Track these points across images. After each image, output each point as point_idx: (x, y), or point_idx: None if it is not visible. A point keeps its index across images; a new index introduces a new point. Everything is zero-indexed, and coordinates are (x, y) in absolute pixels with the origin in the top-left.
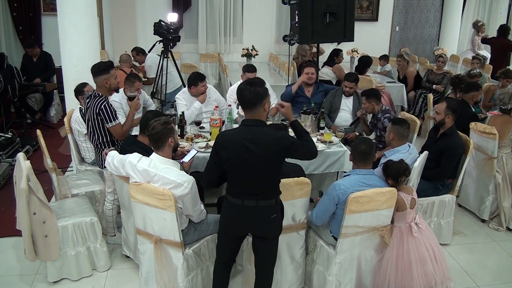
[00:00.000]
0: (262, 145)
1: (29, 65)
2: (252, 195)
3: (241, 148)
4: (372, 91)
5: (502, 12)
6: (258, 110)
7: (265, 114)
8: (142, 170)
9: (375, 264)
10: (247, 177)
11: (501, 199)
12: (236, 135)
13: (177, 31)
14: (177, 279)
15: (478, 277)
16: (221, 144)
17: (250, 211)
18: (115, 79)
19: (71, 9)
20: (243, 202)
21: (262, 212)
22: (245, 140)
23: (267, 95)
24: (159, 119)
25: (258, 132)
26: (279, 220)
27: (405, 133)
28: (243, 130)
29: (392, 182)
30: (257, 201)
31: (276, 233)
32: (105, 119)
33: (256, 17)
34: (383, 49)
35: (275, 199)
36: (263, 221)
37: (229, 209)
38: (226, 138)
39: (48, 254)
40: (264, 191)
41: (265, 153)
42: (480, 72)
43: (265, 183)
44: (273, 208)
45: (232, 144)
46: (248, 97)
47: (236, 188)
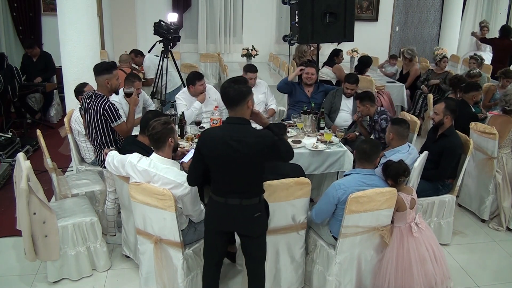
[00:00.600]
0: (245, 142)
1: (29, 65)
2: (236, 193)
3: (223, 145)
4: (366, 94)
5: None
6: (241, 108)
7: (248, 112)
8: (142, 170)
9: (375, 264)
10: (229, 175)
11: (501, 199)
12: (219, 133)
13: (177, 31)
14: (177, 279)
15: (478, 277)
16: (203, 141)
17: (234, 209)
18: (117, 80)
19: (71, 9)
20: (226, 200)
21: (246, 211)
22: (227, 138)
23: (250, 94)
24: (159, 119)
25: (241, 130)
26: (264, 218)
27: (405, 133)
28: (226, 128)
29: (391, 182)
30: (241, 200)
31: (260, 231)
32: (110, 119)
33: (256, 17)
34: (383, 49)
35: (258, 198)
36: (247, 219)
37: (213, 207)
38: (209, 135)
39: (48, 254)
40: (248, 190)
41: (248, 151)
42: (479, 72)
43: (248, 181)
44: (256, 206)
45: (214, 141)
46: (232, 94)
47: (219, 186)
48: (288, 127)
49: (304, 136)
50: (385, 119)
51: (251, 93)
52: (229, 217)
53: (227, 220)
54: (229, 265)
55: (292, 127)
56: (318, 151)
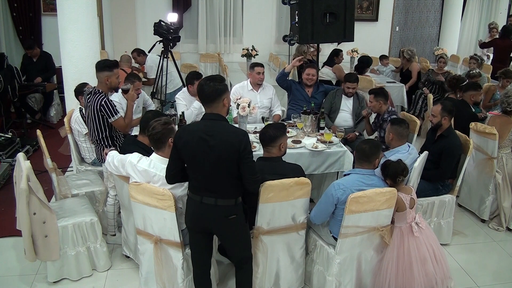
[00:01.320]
0: (217, 137)
1: (29, 65)
2: (211, 192)
3: (197, 140)
4: (381, 90)
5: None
6: (217, 105)
7: (224, 110)
8: (142, 170)
9: (376, 265)
10: (204, 172)
11: (501, 199)
12: (194, 128)
13: (177, 31)
14: (177, 279)
15: (478, 277)
16: (179, 136)
17: (209, 209)
18: (117, 79)
19: (71, 9)
20: (202, 199)
21: (221, 212)
22: (201, 133)
23: (226, 91)
24: (159, 120)
25: (216, 125)
26: (239, 221)
27: (405, 133)
28: (202, 123)
29: (390, 182)
30: (216, 199)
31: (236, 234)
32: (107, 114)
33: (256, 17)
34: (383, 49)
35: (234, 200)
36: (221, 220)
37: (189, 205)
38: (185, 130)
39: (48, 254)
40: (222, 189)
41: (220, 146)
42: (479, 72)
43: (223, 180)
44: (232, 208)
45: (189, 136)
46: (207, 92)
47: (195, 184)
48: (288, 127)
49: (304, 136)
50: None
51: (226, 91)
52: (204, 217)
53: (202, 220)
54: (229, 265)
55: (292, 127)
56: (318, 151)
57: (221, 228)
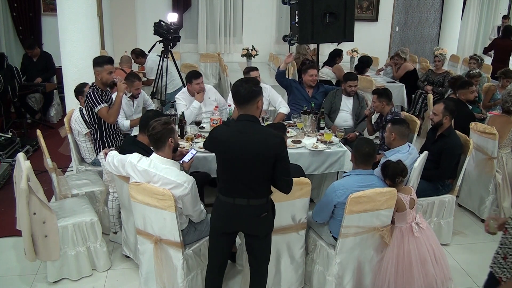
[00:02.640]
0: (257, 139)
1: (29, 65)
2: (244, 193)
3: (233, 143)
4: (384, 91)
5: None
6: (251, 107)
7: (258, 112)
8: (142, 170)
9: (376, 265)
10: (239, 172)
11: (501, 199)
12: (231, 132)
13: (177, 31)
14: (177, 279)
15: (478, 277)
16: (214, 138)
17: (241, 209)
18: (108, 74)
19: (71, 9)
20: (234, 200)
21: (253, 211)
22: (240, 133)
23: (261, 94)
24: (159, 119)
25: (255, 127)
26: (270, 218)
27: (406, 132)
28: (240, 124)
29: (389, 182)
30: (248, 200)
31: (267, 231)
32: (93, 104)
33: (256, 17)
34: (383, 49)
35: (266, 198)
36: (253, 219)
37: (220, 208)
38: (219, 132)
39: (48, 254)
40: (256, 190)
41: (260, 147)
42: (479, 72)
43: (256, 180)
44: (264, 206)
45: (227, 136)
46: (243, 93)
47: (227, 186)
48: (288, 127)
49: (304, 136)
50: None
51: (261, 94)
52: (236, 218)
53: (234, 221)
54: (229, 265)
55: (292, 127)
56: (318, 151)
57: (253, 227)
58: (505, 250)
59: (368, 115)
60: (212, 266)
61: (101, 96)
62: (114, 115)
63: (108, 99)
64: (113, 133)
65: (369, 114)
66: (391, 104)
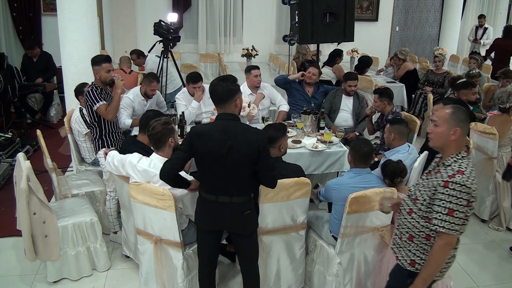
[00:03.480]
0: (239, 137)
1: (29, 65)
2: (227, 191)
3: (218, 139)
4: (386, 90)
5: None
6: (230, 106)
7: (237, 110)
8: (142, 170)
9: (376, 264)
10: (222, 171)
11: (501, 199)
12: (212, 128)
13: (177, 31)
14: (177, 279)
15: (478, 277)
16: (196, 136)
17: (224, 207)
18: (107, 73)
19: (71, 9)
20: (217, 198)
21: (236, 209)
22: (221, 133)
23: (238, 92)
24: (159, 119)
25: (236, 125)
26: (253, 216)
27: (405, 131)
28: (219, 124)
29: (388, 182)
30: (231, 197)
31: (251, 229)
32: (92, 102)
33: (256, 17)
34: (383, 49)
35: (248, 196)
36: (237, 217)
37: (203, 205)
38: (201, 130)
39: (48, 254)
40: (238, 187)
41: (242, 145)
42: (479, 72)
43: (239, 178)
44: (247, 204)
45: (208, 135)
46: (220, 92)
47: (210, 184)
48: (288, 127)
49: (304, 136)
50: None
51: (239, 91)
52: (219, 215)
53: (217, 218)
54: (229, 265)
55: (292, 127)
56: (318, 151)
57: (236, 225)
58: (400, 230)
59: (369, 115)
60: (201, 266)
61: (100, 94)
62: (113, 112)
63: (107, 98)
64: (113, 131)
65: (370, 113)
66: (392, 104)
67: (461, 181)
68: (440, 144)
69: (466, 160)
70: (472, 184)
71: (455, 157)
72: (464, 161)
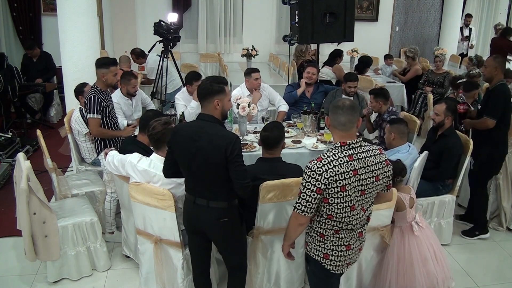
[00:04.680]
0: (206, 139)
1: (29, 65)
2: (203, 193)
3: (187, 140)
4: (381, 91)
5: (502, 12)
6: (208, 105)
7: (217, 112)
8: (142, 170)
9: (376, 265)
10: (193, 173)
11: (501, 199)
12: (186, 127)
13: (177, 31)
14: (177, 279)
15: (478, 277)
16: (172, 135)
17: (201, 210)
18: (114, 76)
19: (71, 9)
20: (195, 199)
21: (212, 213)
22: (191, 133)
23: (219, 93)
24: (159, 119)
25: (208, 126)
26: (233, 225)
27: (405, 130)
28: (194, 123)
29: None
30: (208, 201)
31: (228, 239)
32: (88, 109)
33: (256, 17)
34: (383, 49)
35: (227, 202)
36: (212, 222)
37: (185, 205)
38: (177, 129)
39: (48, 254)
40: (213, 191)
41: (207, 148)
42: (479, 72)
43: (212, 182)
44: (224, 211)
45: (180, 135)
46: (201, 89)
47: (189, 184)
48: (288, 127)
49: (304, 136)
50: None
51: (221, 93)
52: (196, 217)
53: (194, 220)
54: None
55: (292, 127)
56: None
57: (213, 230)
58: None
59: (367, 115)
60: (194, 267)
61: (100, 104)
62: (100, 135)
63: (108, 98)
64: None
65: (367, 114)
66: (388, 103)
67: (311, 167)
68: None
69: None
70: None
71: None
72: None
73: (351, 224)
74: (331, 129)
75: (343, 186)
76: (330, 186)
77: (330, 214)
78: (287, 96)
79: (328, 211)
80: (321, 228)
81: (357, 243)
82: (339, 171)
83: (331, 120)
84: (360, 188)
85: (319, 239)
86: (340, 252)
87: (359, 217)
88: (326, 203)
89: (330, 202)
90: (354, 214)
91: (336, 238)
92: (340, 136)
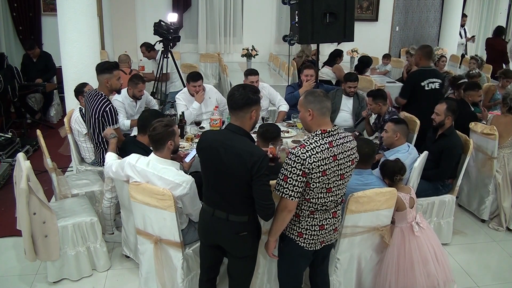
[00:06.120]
0: (232, 152)
1: (29, 65)
2: (223, 206)
3: (213, 151)
4: (379, 92)
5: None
6: (243, 115)
7: (250, 123)
8: (140, 170)
9: (376, 265)
10: (217, 184)
11: (501, 199)
12: (213, 137)
13: (177, 31)
14: (177, 279)
15: (478, 277)
16: (200, 142)
17: (220, 223)
18: (118, 80)
19: (71, 9)
20: (214, 212)
21: (232, 227)
22: (218, 143)
23: (257, 104)
24: (161, 121)
25: (235, 139)
26: (251, 239)
27: (408, 131)
28: (222, 133)
29: (388, 181)
30: (227, 214)
31: (245, 253)
32: (108, 122)
33: (256, 17)
34: (383, 49)
35: (247, 216)
36: (232, 236)
37: (202, 217)
38: (205, 136)
39: (48, 254)
40: (234, 205)
41: (233, 161)
42: (479, 72)
43: (234, 196)
44: (244, 225)
45: (207, 143)
46: (237, 98)
47: (208, 195)
48: (288, 127)
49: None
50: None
51: (257, 104)
52: (214, 230)
53: (212, 233)
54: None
55: (292, 127)
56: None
57: (230, 244)
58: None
59: (366, 117)
60: (201, 272)
61: (116, 111)
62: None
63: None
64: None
65: (367, 116)
66: (387, 104)
67: (295, 153)
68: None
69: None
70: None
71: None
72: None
73: (325, 205)
74: (310, 121)
75: (324, 171)
76: (313, 172)
77: (308, 197)
78: (288, 97)
79: (307, 195)
80: (297, 208)
81: (331, 223)
82: (321, 157)
83: (313, 109)
84: (339, 172)
85: (295, 219)
86: (313, 232)
87: (334, 199)
88: (308, 187)
89: (311, 187)
90: (329, 196)
91: (311, 218)
92: (318, 124)
